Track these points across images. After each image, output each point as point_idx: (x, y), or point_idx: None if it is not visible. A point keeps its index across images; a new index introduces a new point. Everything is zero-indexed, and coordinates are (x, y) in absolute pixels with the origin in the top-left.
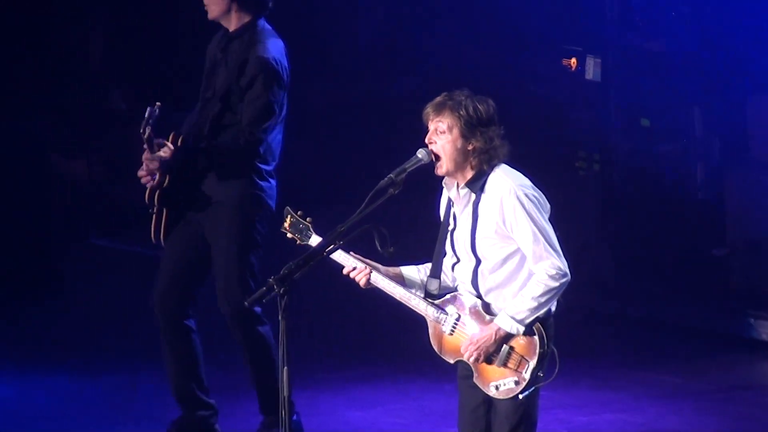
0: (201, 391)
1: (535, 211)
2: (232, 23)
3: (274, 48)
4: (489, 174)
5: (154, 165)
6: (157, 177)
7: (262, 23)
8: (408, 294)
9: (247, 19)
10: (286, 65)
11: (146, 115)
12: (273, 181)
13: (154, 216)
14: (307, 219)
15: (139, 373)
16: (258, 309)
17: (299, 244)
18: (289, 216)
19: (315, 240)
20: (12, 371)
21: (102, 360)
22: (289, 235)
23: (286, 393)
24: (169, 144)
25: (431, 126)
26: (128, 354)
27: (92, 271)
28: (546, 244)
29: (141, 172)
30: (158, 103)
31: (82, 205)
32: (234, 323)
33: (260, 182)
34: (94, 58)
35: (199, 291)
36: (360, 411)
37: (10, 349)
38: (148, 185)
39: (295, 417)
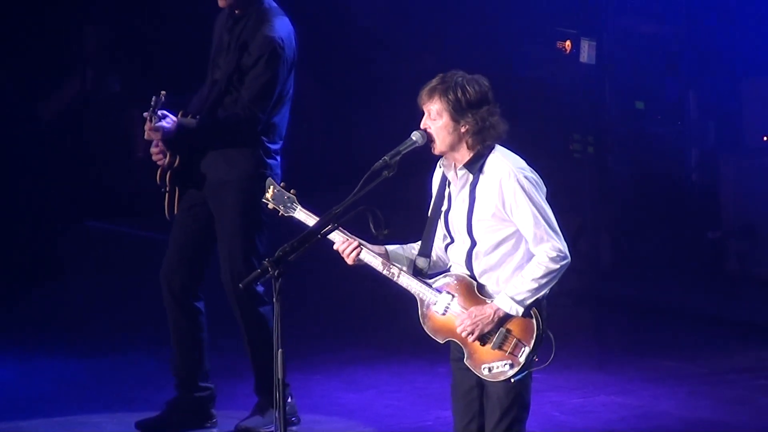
0: (200, 374)
1: (535, 193)
2: (241, 4)
3: (281, 27)
4: (487, 156)
5: (157, 135)
6: (168, 157)
7: (268, 2)
8: (399, 272)
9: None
10: (293, 44)
11: (152, 103)
12: (279, 159)
13: (167, 194)
14: (291, 191)
15: (135, 355)
16: (260, 288)
17: (281, 215)
18: (272, 187)
19: (300, 213)
20: (10, 354)
21: (99, 342)
22: (270, 206)
23: (280, 375)
24: (170, 115)
25: (425, 110)
26: (125, 336)
27: (89, 253)
28: (546, 226)
29: (153, 149)
30: (163, 92)
31: (78, 188)
32: (235, 302)
33: (267, 160)
34: (90, 42)
35: (206, 270)
36: (354, 393)
37: (8, 332)
38: (160, 164)
39: (290, 399)
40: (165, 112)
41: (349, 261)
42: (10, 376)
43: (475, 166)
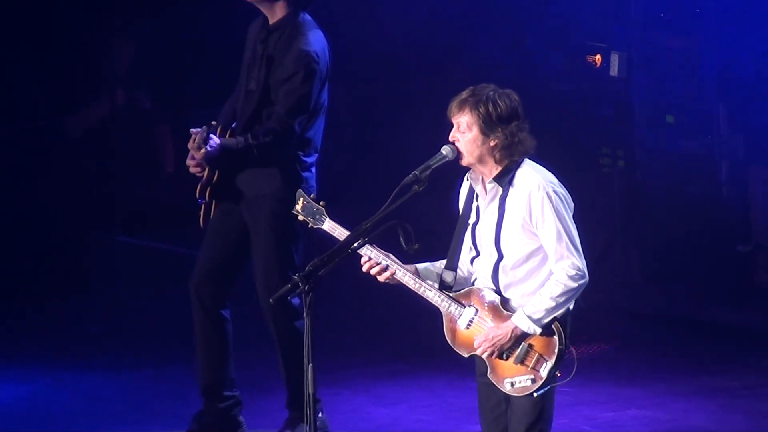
0: (226, 383)
1: (562, 208)
2: (275, 14)
3: (315, 41)
4: (517, 169)
5: (200, 155)
6: (206, 172)
7: (303, 15)
8: (425, 286)
9: (288, 11)
10: (327, 59)
11: (204, 134)
12: (314, 171)
13: (203, 206)
14: (321, 203)
15: (163, 369)
16: (296, 300)
17: (311, 227)
18: (301, 198)
19: (328, 224)
20: (38, 368)
21: (126, 357)
22: (300, 217)
23: (311, 390)
24: (215, 138)
25: (453, 123)
26: (154, 351)
27: (117, 268)
28: (569, 243)
29: (190, 161)
30: (213, 122)
31: (107, 203)
32: (270, 315)
33: (302, 173)
34: (121, 60)
35: (236, 281)
36: (384, 408)
37: (37, 345)
38: (201, 179)
39: (320, 414)
40: (210, 133)
41: (380, 279)
42: (38, 390)
43: (505, 179)
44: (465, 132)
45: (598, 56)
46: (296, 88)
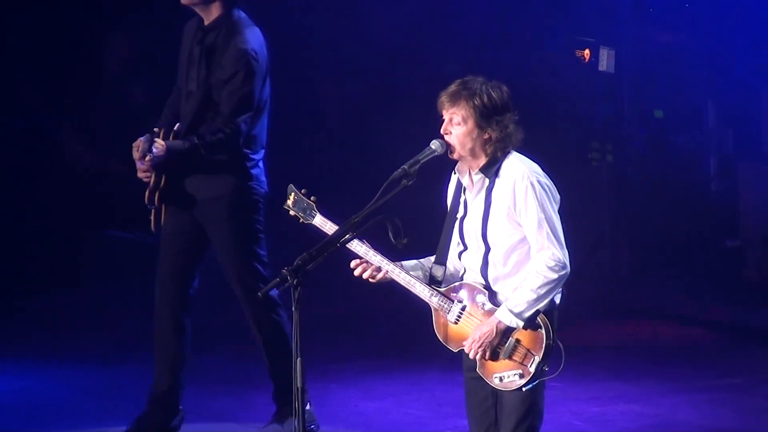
0: (173, 394)
1: (546, 198)
2: (211, 14)
3: (253, 38)
4: (503, 160)
5: (147, 163)
6: (153, 177)
7: (238, 13)
8: (413, 280)
9: (223, 10)
10: (266, 54)
11: (147, 144)
12: (262, 167)
13: (153, 210)
14: (311, 198)
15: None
16: (274, 292)
17: (302, 222)
18: (292, 194)
19: (319, 219)
20: (28, 362)
21: (117, 351)
22: (291, 212)
23: (299, 383)
24: (160, 141)
25: (446, 116)
26: (143, 345)
27: (107, 262)
28: (550, 233)
29: (139, 166)
30: (155, 129)
31: (98, 197)
32: (249, 309)
33: (251, 170)
34: (114, 56)
35: (196, 283)
36: (372, 402)
37: (26, 340)
38: (149, 184)
39: (308, 407)
40: (153, 138)
41: (371, 281)
42: (28, 384)
43: (491, 170)
44: (460, 125)
45: (587, 51)
46: (238, 88)
